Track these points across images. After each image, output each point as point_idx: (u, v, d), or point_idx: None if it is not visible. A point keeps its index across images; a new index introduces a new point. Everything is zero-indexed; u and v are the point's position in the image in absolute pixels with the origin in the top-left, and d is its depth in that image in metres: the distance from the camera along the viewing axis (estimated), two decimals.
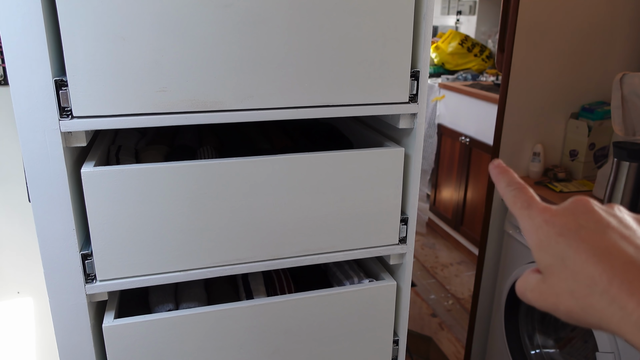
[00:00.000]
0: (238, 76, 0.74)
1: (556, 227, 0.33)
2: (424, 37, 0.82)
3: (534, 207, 0.35)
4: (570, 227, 0.33)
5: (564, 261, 0.32)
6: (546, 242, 0.33)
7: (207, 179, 0.77)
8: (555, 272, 0.32)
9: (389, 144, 0.89)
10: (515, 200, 0.37)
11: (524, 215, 0.36)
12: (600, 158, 1.82)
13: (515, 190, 0.37)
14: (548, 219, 0.34)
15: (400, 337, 0.98)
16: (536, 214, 0.35)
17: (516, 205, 0.37)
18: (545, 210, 0.35)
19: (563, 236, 0.33)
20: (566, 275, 0.32)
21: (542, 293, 0.34)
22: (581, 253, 0.31)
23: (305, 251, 0.86)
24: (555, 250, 0.33)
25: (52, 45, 0.69)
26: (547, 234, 0.33)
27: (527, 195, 0.37)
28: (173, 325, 0.82)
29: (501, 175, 0.39)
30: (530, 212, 0.35)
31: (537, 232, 0.34)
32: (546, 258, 0.33)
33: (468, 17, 3.82)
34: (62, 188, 0.73)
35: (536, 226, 0.34)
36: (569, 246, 0.32)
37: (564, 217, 0.34)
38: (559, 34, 1.71)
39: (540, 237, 0.34)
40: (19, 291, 1.61)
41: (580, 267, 0.31)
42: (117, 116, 0.72)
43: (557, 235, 0.33)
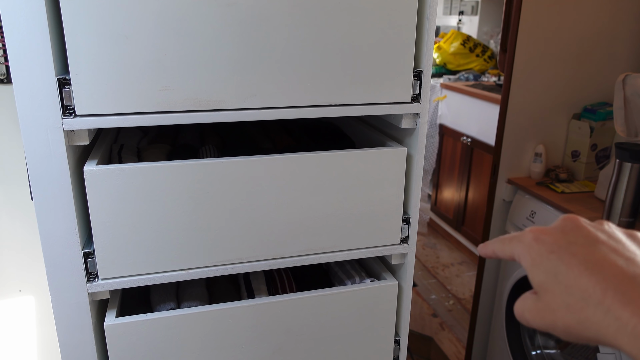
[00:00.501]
0: (240, 75, 0.74)
1: (546, 244, 0.34)
2: (427, 37, 0.82)
3: (524, 232, 0.36)
4: (560, 244, 0.33)
5: (557, 276, 0.32)
6: (538, 260, 0.34)
7: (209, 178, 0.77)
8: (550, 289, 0.33)
9: (392, 143, 0.89)
10: (502, 240, 0.38)
11: (515, 241, 0.36)
12: (602, 159, 1.82)
13: (499, 238, 0.39)
14: (538, 237, 0.35)
15: (401, 337, 0.98)
16: (525, 235, 0.36)
17: (505, 241, 0.38)
18: (534, 229, 0.35)
19: (554, 253, 0.33)
20: (560, 290, 0.32)
21: (539, 312, 0.34)
22: (573, 267, 0.32)
23: (307, 250, 0.86)
24: (547, 267, 0.33)
25: (55, 44, 0.69)
26: (539, 252, 0.34)
27: (511, 235, 0.38)
28: (174, 324, 0.82)
29: (491, 245, 0.40)
30: (520, 237, 0.36)
31: (529, 252, 0.35)
32: (539, 275, 0.34)
33: (470, 17, 3.82)
34: (65, 186, 0.73)
35: (527, 246, 0.35)
36: (561, 261, 0.32)
37: (554, 234, 0.34)
38: (562, 34, 1.71)
39: (532, 256, 0.34)
40: (20, 289, 1.61)
41: (573, 281, 0.31)
42: (120, 115, 0.72)
43: (548, 253, 0.33)
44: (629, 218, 1.43)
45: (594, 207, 1.58)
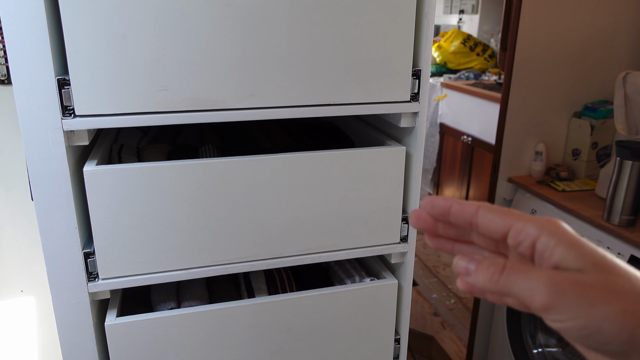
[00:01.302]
0: (240, 75, 0.74)
1: (573, 234, 0.32)
2: (426, 35, 0.82)
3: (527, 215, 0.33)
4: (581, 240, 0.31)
5: (615, 264, 0.29)
6: (585, 242, 0.31)
7: (208, 178, 0.77)
8: (604, 270, 0.29)
9: (391, 142, 0.89)
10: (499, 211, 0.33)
11: (531, 220, 0.32)
12: (603, 157, 1.82)
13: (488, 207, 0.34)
14: (558, 222, 0.32)
15: (401, 335, 0.98)
16: (547, 220, 0.32)
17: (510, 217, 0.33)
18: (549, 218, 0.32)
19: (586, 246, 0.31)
20: (638, 284, 0.28)
21: (577, 282, 0.28)
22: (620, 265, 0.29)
23: (307, 250, 0.86)
24: (600, 251, 0.30)
25: (54, 45, 0.69)
26: (578, 238, 0.31)
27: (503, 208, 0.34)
28: (175, 323, 0.82)
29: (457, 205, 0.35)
30: (534, 220, 0.32)
31: (566, 233, 0.31)
32: (592, 255, 0.30)
33: (470, 16, 3.81)
34: (65, 187, 0.73)
35: (558, 228, 0.31)
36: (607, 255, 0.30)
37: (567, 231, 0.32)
38: (562, 33, 1.70)
39: (574, 239, 0.31)
40: (22, 290, 1.62)
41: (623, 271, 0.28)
42: (119, 115, 0.72)
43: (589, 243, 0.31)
44: (629, 216, 1.43)
45: (595, 206, 1.58)
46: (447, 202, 0.35)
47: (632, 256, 1.36)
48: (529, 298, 0.29)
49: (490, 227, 0.33)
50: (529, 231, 0.31)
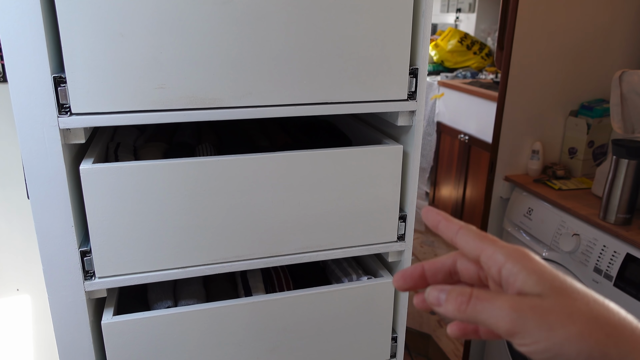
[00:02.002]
0: (237, 73, 0.74)
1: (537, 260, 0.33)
2: (423, 34, 0.82)
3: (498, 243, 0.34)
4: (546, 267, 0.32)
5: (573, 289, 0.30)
6: (547, 269, 0.32)
7: (205, 176, 0.77)
8: (562, 296, 0.30)
9: (388, 141, 0.89)
10: (474, 236, 0.35)
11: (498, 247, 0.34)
12: (599, 156, 1.82)
13: (467, 230, 0.36)
14: (524, 252, 0.33)
15: (398, 334, 0.98)
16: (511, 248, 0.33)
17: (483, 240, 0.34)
18: (515, 247, 0.34)
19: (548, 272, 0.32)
20: (595, 306, 0.29)
21: (537, 307, 0.29)
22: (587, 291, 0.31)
23: (304, 248, 0.86)
24: (561, 276, 0.31)
25: (50, 42, 0.69)
26: (539, 265, 0.32)
27: (481, 232, 0.35)
28: (172, 322, 0.82)
29: (446, 222, 0.37)
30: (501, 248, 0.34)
31: (528, 262, 0.32)
32: (552, 280, 0.31)
33: (467, 14, 3.82)
34: (61, 185, 0.73)
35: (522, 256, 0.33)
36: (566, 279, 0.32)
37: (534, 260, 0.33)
38: (558, 31, 1.71)
39: (535, 266, 0.32)
40: (18, 288, 1.61)
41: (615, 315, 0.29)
42: (116, 113, 0.72)
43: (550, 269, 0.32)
44: (625, 214, 1.43)
45: (591, 204, 1.59)
46: (438, 216, 0.37)
47: (627, 254, 1.37)
48: (495, 325, 0.30)
49: (465, 249, 0.35)
50: (496, 257, 0.33)
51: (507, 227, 1.86)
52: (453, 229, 0.36)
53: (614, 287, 1.40)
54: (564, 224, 1.59)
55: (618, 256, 1.40)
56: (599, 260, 1.45)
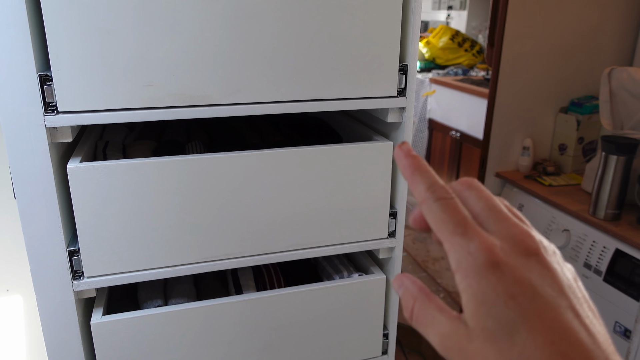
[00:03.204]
0: (226, 70, 0.74)
1: (506, 281, 0.25)
2: (412, 31, 0.82)
3: (475, 238, 0.26)
4: (524, 289, 0.25)
5: (512, 336, 0.25)
6: (492, 298, 0.25)
7: (195, 174, 0.77)
8: (496, 342, 0.25)
9: (378, 138, 0.89)
10: (443, 218, 0.27)
11: (457, 245, 0.27)
12: (589, 152, 1.84)
13: (441, 202, 0.28)
14: (495, 264, 0.26)
15: (390, 330, 0.98)
16: (478, 251, 0.26)
17: (445, 226, 0.27)
18: (491, 249, 0.26)
19: (515, 299, 0.25)
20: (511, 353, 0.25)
21: (464, 352, 0.26)
22: (537, 334, 0.24)
23: (295, 246, 0.86)
24: (502, 315, 0.25)
25: (36, 39, 0.68)
26: (495, 289, 0.25)
27: (460, 214, 0.27)
28: (162, 321, 0.82)
29: (418, 172, 0.29)
30: (468, 244, 0.26)
31: (479, 279, 0.26)
32: (487, 319, 0.26)
33: (459, 12, 3.83)
34: (48, 184, 0.72)
35: (476, 269, 0.26)
36: (523, 318, 0.25)
37: (515, 267, 0.26)
38: (548, 29, 1.72)
39: (483, 288, 0.26)
40: (7, 289, 1.60)
41: (532, 353, 0.24)
42: (103, 111, 0.71)
43: (507, 296, 0.25)
44: (614, 210, 1.45)
45: (581, 200, 1.60)
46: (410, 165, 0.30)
47: (617, 249, 1.38)
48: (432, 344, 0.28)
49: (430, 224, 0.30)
50: (449, 258, 0.28)
51: None
52: (418, 190, 0.29)
53: (603, 282, 1.41)
54: (554, 219, 1.60)
55: (607, 251, 1.41)
56: (588, 256, 1.47)
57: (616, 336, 1.40)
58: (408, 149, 0.30)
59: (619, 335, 1.38)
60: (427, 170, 0.29)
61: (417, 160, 0.29)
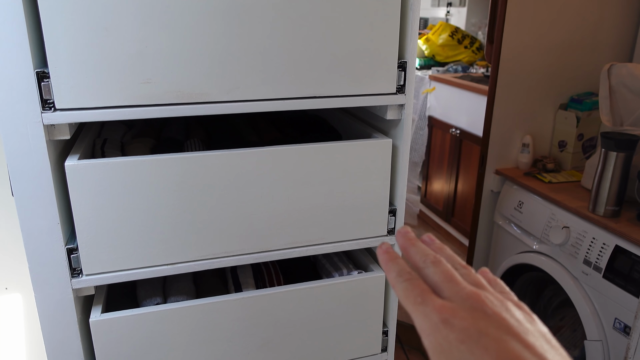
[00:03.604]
0: (224, 67, 0.74)
1: (455, 330, 0.31)
2: (411, 27, 0.81)
3: (429, 304, 0.33)
4: (470, 333, 0.30)
5: None
6: (446, 347, 0.31)
7: (193, 172, 0.77)
8: None
9: (377, 135, 0.89)
10: (407, 293, 0.34)
11: (419, 312, 0.33)
12: (589, 148, 1.83)
13: (406, 282, 0.35)
14: (446, 318, 0.31)
15: (389, 328, 0.98)
16: (432, 312, 0.32)
17: (409, 300, 0.34)
18: (442, 309, 0.32)
19: (464, 343, 0.30)
20: None
21: None
22: None
23: (294, 243, 0.86)
24: (457, 358, 0.30)
25: (33, 37, 0.67)
26: (447, 338, 0.31)
27: (419, 288, 0.34)
28: (161, 319, 0.82)
29: (391, 263, 0.37)
30: (425, 309, 0.33)
31: (434, 334, 0.31)
32: None
33: (458, 9, 3.82)
34: (46, 182, 0.72)
35: (433, 327, 0.32)
36: (473, 356, 0.29)
37: (463, 318, 0.31)
38: (548, 25, 1.71)
39: (438, 341, 0.31)
40: (6, 287, 1.60)
41: None
42: (101, 108, 0.71)
43: (458, 342, 0.30)
44: (614, 207, 1.45)
45: (581, 197, 1.60)
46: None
47: (616, 246, 1.38)
48: None
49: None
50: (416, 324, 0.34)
51: (498, 221, 1.87)
52: (391, 276, 0.36)
53: (603, 278, 1.41)
54: (554, 216, 1.60)
55: (607, 248, 1.41)
56: (588, 252, 1.46)
57: (616, 333, 1.40)
58: (387, 247, 0.38)
59: (619, 332, 1.38)
60: (398, 261, 0.37)
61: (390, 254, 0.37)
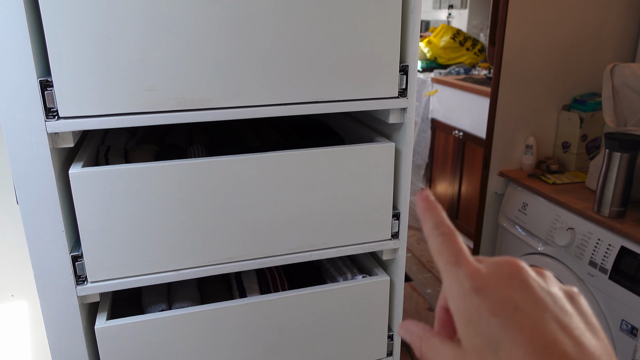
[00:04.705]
0: (226, 73, 0.74)
1: (489, 301, 0.28)
2: (412, 31, 0.81)
3: (463, 266, 0.30)
4: (505, 306, 0.28)
5: (497, 350, 0.27)
6: (476, 318, 0.28)
7: (197, 178, 0.77)
8: (484, 358, 0.28)
9: (380, 139, 0.89)
10: (441, 249, 0.32)
11: (451, 274, 0.31)
12: (593, 149, 1.83)
13: (442, 237, 0.32)
14: (480, 287, 0.29)
15: (394, 332, 0.98)
16: (465, 277, 0.30)
17: (442, 257, 0.31)
18: (476, 275, 0.30)
19: (497, 316, 0.28)
20: None
21: None
22: (519, 346, 0.27)
23: (298, 248, 0.86)
24: (486, 332, 0.28)
25: (36, 45, 0.68)
26: (478, 309, 0.28)
27: (455, 246, 0.31)
28: (166, 325, 0.82)
29: (428, 213, 0.34)
30: (457, 272, 0.30)
31: (464, 302, 0.29)
32: (474, 337, 0.28)
33: (460, 11, 3.82)
34: (50, 189, 0.72)
35: (464, 293, 0.29)
36: (505, 332, 0.27)
37: (498, 289, 0.29)
38: (550, 26, 1.71)
39: (469, 310, 0.29)
40: (12, 294, 1.60)
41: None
42: (104, 116, 0.71)
43: (489, 314, 0.28)
44: (619, 207, 1.44)
45: (585, 198, 1.59)
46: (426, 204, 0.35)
47: (622, 247, 1.37)
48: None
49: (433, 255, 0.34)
50: (444, 286, 0.32)
51: (503, 223, 1.86)
52: (426, 227, 0.33)
53: (609, 280, 1.40)
54: (558, 218, 1.59)
55: (613, 249, 1.40)
56: (594, 254, 1.46)
57: (622, 334, 1.39)
58: (426, 194, 0.35)
59: (626, 334, 1.38)
60: (437, 211, 0.34)
61: (429, 202, 0.34)
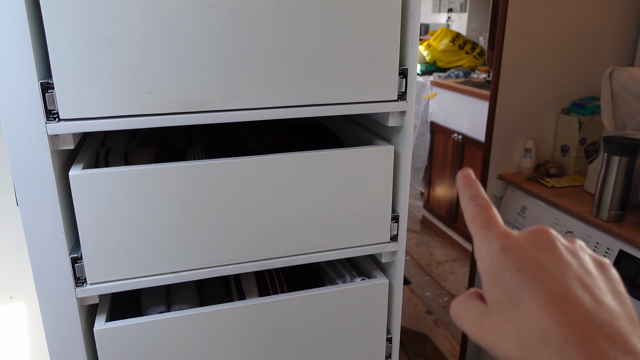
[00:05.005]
0: (226, 76, 0.74)
1: (515, 259, 0.30)
2: (412, 34, 0.82)
3: (493, 230, 0.32)
4: (529, 263, 0.29)
5: (517, 302, 0.29)
6: (501, 274, 0.30)
7: (196, 180, 0.77)
8: (505, 311, 0.29)
9: (379, 142, 0.89)
10: (475, 216, 0.33)
11: (481, 236, 0.32)
12: (591, 153, 1.83)
13: (477, 206, 0.34)
14: (507, 246, 0.30)
15: (393, 334, 0.98)
16: (494, 238, 0.31)
17: (475, 222, 0.33)
18: (505, 237, 0.31)
19: (521, 271, 0.29)
20: (517, 318, 0.28)
21: (484, 328, 0.30)
22: (538, 298, 0.28)
23: (297, 251, 0.86)
24: (509, 287, 0.29)
25: (37, 48, 0.68)
26: (504, 265, 0.30)
27: (489, 214, 0.33)
28: (165, 327, 0.82)
29: (467, 187, 0.35)
30: (488, 234, 0.32)
31: (491, 260, 0.31)
32: (497, 292, 0.30)
33: (459, 14, 3.83)
34: (50, 191, 0.72)
35: (492, 252, 0.31)
36: (526, 285, 0.29)
37: (524, 249, 0.30)
38: (549, 30, 1.72)
39: (494, 267, 0.30)
40: (11, 296, 1.60)
41: (534, 314, 0.28)
42: (104, 118, 0.71)
43: (514, 270, 0.29)
44: (618, 211, 1.44)
45: (584, 201, 1.59)
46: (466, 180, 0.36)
47: (621, 251, 1.38)
48: None
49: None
50: (474, 249, 0.33)
51: None
52: (463, 199, 0.35)
53: None
54: (557, 221, 1.59)
55: (611, 253, 1.40)
56: None
57: None
58: (467, 172, 0.36)
59: None
60: (475, 186, 0.35)
61: (470, 179, 0.36)
